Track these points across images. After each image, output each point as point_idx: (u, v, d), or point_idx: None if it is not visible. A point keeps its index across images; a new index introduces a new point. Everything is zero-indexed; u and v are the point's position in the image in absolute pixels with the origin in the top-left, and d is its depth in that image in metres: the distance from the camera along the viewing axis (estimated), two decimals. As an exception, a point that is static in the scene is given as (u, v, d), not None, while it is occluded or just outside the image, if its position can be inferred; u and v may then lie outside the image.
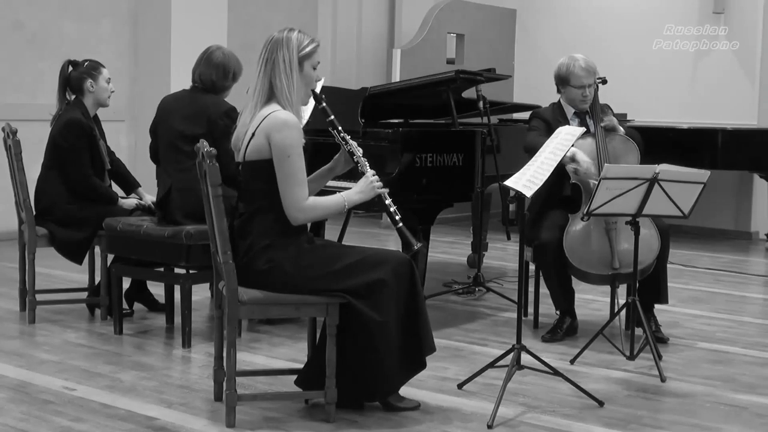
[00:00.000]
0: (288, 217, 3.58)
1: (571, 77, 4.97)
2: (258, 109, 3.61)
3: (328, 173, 3.88)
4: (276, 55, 3.57)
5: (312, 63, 3.64)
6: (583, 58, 4.99)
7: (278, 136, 3.51)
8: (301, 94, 3.64)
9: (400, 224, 3.70)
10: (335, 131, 3.74)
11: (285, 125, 3.52)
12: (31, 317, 5.11)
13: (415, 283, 3.64)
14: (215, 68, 4.87)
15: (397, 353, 3.60)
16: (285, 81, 3.57)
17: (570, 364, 4.47)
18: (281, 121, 3.53)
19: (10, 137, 5.13)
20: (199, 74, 4.89)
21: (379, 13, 10.35)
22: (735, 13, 9.10)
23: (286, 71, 3.57)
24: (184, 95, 4.95)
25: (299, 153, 3.55)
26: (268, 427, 3.59)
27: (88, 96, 5.20)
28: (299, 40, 3.60)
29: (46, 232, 5.14)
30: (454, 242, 8.42)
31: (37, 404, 3.79)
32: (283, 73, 3.57)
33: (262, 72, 3.61)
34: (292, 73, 3.58)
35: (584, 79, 4.95)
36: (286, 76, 3.57)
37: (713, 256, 7.91)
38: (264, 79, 3.60)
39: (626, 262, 4.67)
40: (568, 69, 4.98)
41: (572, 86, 4.98)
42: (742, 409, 3.94)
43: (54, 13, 8.05)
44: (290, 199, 3.55)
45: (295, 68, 3.59)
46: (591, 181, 4.72)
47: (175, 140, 4.82)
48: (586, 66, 4.96)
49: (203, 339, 4.81)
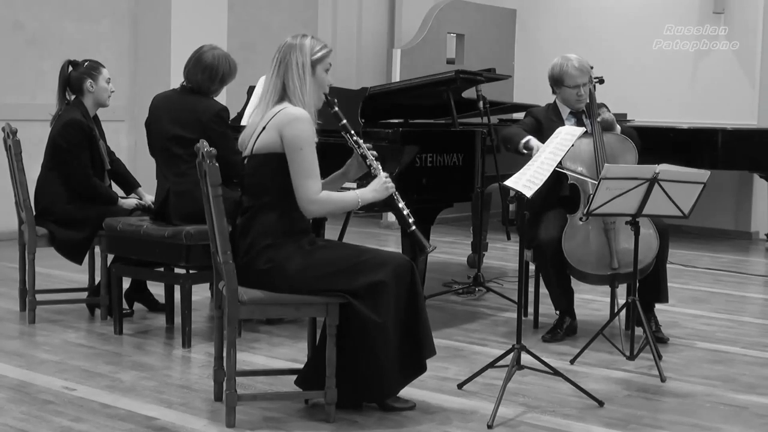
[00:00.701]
0: (302, 210, 3.60)
1: (565, 77, 4.98)
2: (269, 108, 3.64)
3: (340, 178, 3.90)
4: (289, 57, 3.63)
5: (324, 66, 3.70)
6: (576, 58, 4.99)
7: (290, 130, 3.54)
8: (314, 97, 3.67)
9: (413, 227, 3.73)
10: (347, 135, 3.77)
11: (297, 119, 3.56)
12: (31, 317, 5.11)
13: (415, 285, 3.64)
14: (202, 70, 4.81)
15: (396, 355, 3.60)
16: (298, 82, 3.62)
17: (570, 364, 4.47)
18: (293, 115, 3.57)
19: (10, 137, 5.13)
20: (187, 74, 4.86)
21: (379, 13, 10.35)
22: (735, 13, 9.10)
23: (299, 73, 3.62)
24: (173, 96, 4.90)
25: (312, 146, 3.58)
26: (268, 427, 3.59)
27: (88, 96, 5.20)
28: (312, 44, 3.67)
29: (46, 232, 5.14)
30: (454, 242, 8.42)
31: (37, 404, 3.79)
32: (296, 75, 3.62)
33: (275, 74, 3.65)
34: (305, 75, 3.63)
35: (578, 78, 4.95)
36: (299, 78, 3.62)
37: (713, 256, 7.91)
38: (276, 80, 3.65)
39: (625, 261, 4.67)
40: (561, 69, 4.99)
41: (566, 86, 4.98)
42: (742, 409, 3.94)
43: (54, 13, 8.06)
44: (304, 192, 3.56)
45: (308, 71, 3.64)
46: (589, 182, 4.72)
47: (168, 143, 4.79)
48: (579, 66, 4.96)
49: (203, 339, 4.81)
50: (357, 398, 3.72)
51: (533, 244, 4.92)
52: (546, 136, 4.60)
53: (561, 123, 4.95)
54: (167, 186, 4.79)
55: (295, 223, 3.63)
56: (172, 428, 3.56)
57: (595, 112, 4.95)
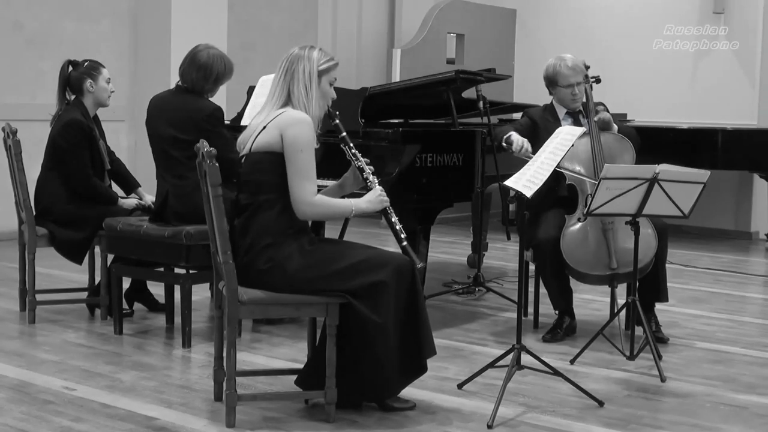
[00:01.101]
0: (296, 211, 3.61)
1: (559, 77, 4.99)
2: (272, 111, 3.67)
3: (337, 190, 3.93)
4: (297, 66, 3.68)
5: (329, 79, 3.74)
6: (570, 58, 5.00)
7: (292, 131, 3.57)
8: (317, 107, 3.71)
9: (405, 243, 3.77)
10: (346, 147, 3.82)
11: (300, 121, 3.60)
12: (31, 317, 5.11)
13: (415, 285, 3.65)
14: (197, 69, 4.80)
15: (396, 355, 3.61)
16: (303, 90, 3.67)
17: (570, 364, 4.47)
18: (296, 117, 3.61)
19: (10, 137, 5.13)
20: (182, 73, 4.85)
21: (379, 13, 10.35)
22: (735, 13, 9.10)
23: (305, 81, 3.67)
24: (168, 97, 4.89)
25: (311, 150, 3.61)
26: (268, 427, 3.59)
27: (88, 96, 5.20)
28: (320, 56, 3.72)
29: (46, 232, 5.14)
30: (454, 242, 8.42)
31: (37, 404, 3.79)
32: (302, 83, 3.67)
33: (281, 80, 3.70)
34: (311, 84, 3.68)
35: (571, 78, 4.96)
36: (304, 86, 3.67)
37: (713, 256, 7.91)
38: (282, 87, 3.69)
39: (624, 261, 4.67)
40: (554, 69, 5.01)
41: (560, 86, 5.00)
42: (742, 409, 3.94)
43: (54, 13, 8.05)
44: (300, 193, 3.58)
45: (314, 80, 3.68)
46: (587, 181, 4.72)
47: (165, 145, 4.79)
48: (572, 65, 4.97)
49: (203, 339, 4.81)
50: (357, 398, 3.72)
51: (532, 244, 4.92)
52: (542, 136, 4.61)
53: (557, 123, 4.95)
54: (165, 189, 4.79)
55: (294, 221, 3.64)
56: (172, 428, 3.56)
57: (593, 112, 4.95)
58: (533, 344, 4.70)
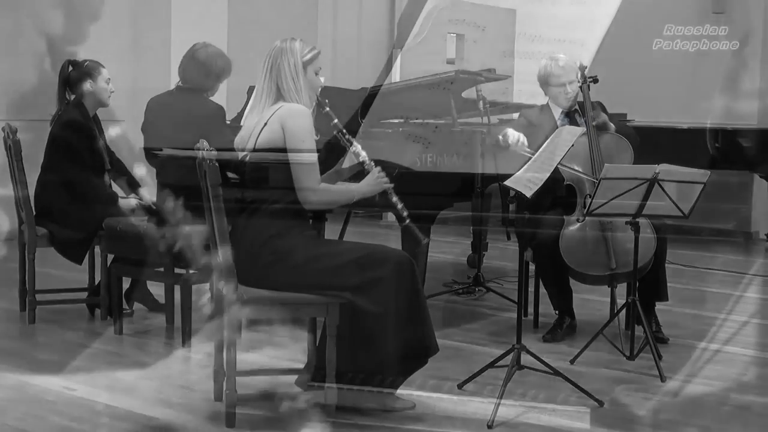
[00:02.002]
0: (301, 200, 3.63)
1: (550, 77, 5.01)
2: (266, 108, 3.68)
3: (335, 176, 3.96)
4: (281, 60, 3.69)
5: (314, 68, 3.76)
6: (562, 58, 5.03)
7: (293, 122, 3.61)
8: (307, 98, 3.72)
9: (407, 221, 3.77)
10: (339, 134, 3.84)
11: (300, 113, 3.64)
12: (31, 317, 5.11)
13: (415, 281, 3.66)
14: (197, 67, 4.83)
15: (397, 350, 3.61)
16: (292, 83, 3.68)
17: (570, 364, 4.47)
18: (296, 109, 3.65)
19: (10, 137, 5.13)
20: (182, 72, 4.88)
21: (379, 14, 10.34)
22: (735, 13, 9.09)
23: (293, 74, 3.68)
24: (169, 99, 4.91)
25: (312, 140, 3.65)
26: (268, 427, 3.59)
27: (88, 96, 5.20)
28: (301, 47, 3.73)
29: (46, 232, 5.13)
30: (454, 242, 8.42)
31: (37, 404, 3.79)
32: (289, 77, 3.68)
33: (268, 78, 3.70)
34: (298, 76, 3.69)
35: (562, 77, 4.98)
36: (292, 79, 3.68)
37: (713, 256, 7.90)
38: (270, 84, 3.70)
39: (623, 261, 4.66)
40: (546, 69, 5.03)
41: (552, 86, 5.02)
42: (742, 409, 3.94)
43: (54, 13, 8.06)
44: (304, 182, 3.62)
45: (301, 72, 3.70)
46: (586, 181, 4.72)
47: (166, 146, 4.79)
48: (564, 64, 4.99)
49: (203, 339, 4.80)
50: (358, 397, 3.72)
51: (532, 244, 4.92)
52: (538, 136, 4.61)
53: (553, 123, 4.96)
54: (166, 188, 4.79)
55: (297, 217, 3.68)
56: (172, 428, 3.56)
57: (590, 114, 4.95)
58: (533, 344, 4.69)
